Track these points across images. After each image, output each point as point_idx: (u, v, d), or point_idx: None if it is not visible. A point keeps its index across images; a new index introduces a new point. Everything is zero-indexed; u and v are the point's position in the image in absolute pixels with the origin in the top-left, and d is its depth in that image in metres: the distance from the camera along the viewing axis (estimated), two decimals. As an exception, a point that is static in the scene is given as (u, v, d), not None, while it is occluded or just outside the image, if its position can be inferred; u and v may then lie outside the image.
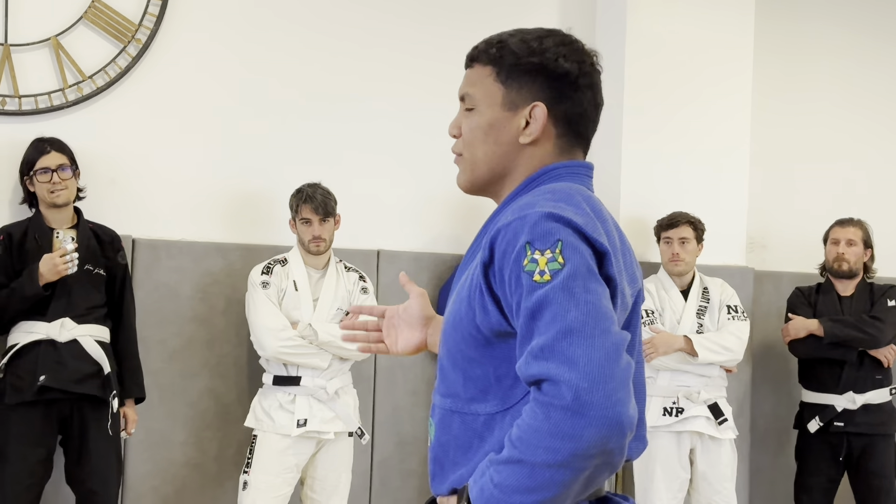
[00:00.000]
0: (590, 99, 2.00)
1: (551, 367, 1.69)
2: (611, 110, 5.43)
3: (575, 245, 1.77)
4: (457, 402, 1.93)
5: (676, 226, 5.21)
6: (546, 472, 1.67)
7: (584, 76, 1.99)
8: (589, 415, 1.65)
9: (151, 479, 4.89)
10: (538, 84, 1.97)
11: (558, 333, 1.70)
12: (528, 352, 1.73)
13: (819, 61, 6.33)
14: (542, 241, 1.77)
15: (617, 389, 1.66)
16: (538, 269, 1.75)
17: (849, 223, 5.51)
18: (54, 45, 4.75)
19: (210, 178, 5.03)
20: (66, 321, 4.32)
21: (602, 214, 1.90)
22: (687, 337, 5.07)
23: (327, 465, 4.72)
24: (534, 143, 1.99)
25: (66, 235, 4.36)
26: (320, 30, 5.25)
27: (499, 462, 1.72)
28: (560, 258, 1.76)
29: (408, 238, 5.32)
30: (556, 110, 1.97)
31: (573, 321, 1.70)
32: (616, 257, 1.86)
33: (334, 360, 4.65)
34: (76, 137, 4.63)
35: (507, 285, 1.81)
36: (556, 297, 1.73)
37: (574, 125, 2.00)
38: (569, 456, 1.65)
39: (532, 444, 1.68)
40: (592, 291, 1.74)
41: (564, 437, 1.65)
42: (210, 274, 4.97)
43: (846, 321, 5.34)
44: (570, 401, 1.65)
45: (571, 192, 1.90)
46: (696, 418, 5.06)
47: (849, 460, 5.39)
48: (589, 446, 1.65)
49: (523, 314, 1.76)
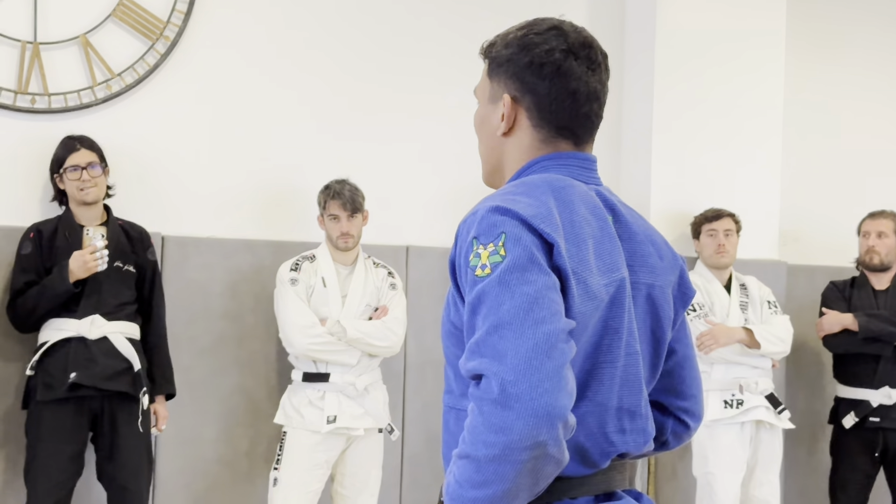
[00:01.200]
0: (559, 87, 1.95)
1: (483, 362, 1.71)
2: (641, 103, 5.54)
3: (518, 237, 1.78)
4: (452, 399, 1.94)
5: (721, 218, 5.26)
6: (490, 465, 1.69)
7: (548, 65, 1.94)
8: (515, 407, 1.66)
9: (182, 476, 4.90)
10: (508, 75, 1.98)
11: (490, 327, 1.73)
12: (467, 347, 1.76)
13: (852, 51, 6.26)
14: (487, 235, 1.80)
15: (544, 380, 1.67)
16: (480, 264, 1.78)
17: (880, 215, 5.46)
18: (83, 43, 4.76)
19: (239, 175, 5.03)
20: (96, 318, 4.33)
21: (572, 204, 1.88)
22: (747, 328, 5.10)
23: (357, 461, 4.71)
24: (511, 135, 2.00)
25: (95, 232, 4.37)
26: (349, 24, 5.23)
27: (456, 458, 1.75)
28: (502, 251, 1.78)
29: (437, 233, 5.29)
30: (525, 101, 1.97)
31: (505, 314, 1.72)
32: (577, 246, 1.84)
33: (363, 357, 4.64)
34: (105, 135, 4.64)
35: (462, 281, 1.83)
36: (492, 290, 1.75)
37: (546, 114, 1.97)
38: (503, 449, 1.67)
39: (473, 439, 1.70)
40: (531, 282, 1.74)
41: (497, 431, 1.67)
42: (239, 271, 4.97)
43: (881, 315, 5.28)
44: (497, 394, 1.68)
45: (538, 182, 1.90)
46: (757, 408, 5.10)
47: (884, 456, 5.33)
48: (520, 438, 1.66)
49: (466, 309, 1.79)
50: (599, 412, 1.89)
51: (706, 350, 5.02)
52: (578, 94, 1.96)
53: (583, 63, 1.96)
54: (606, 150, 5.48)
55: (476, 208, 1.87)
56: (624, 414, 1.93)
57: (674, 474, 5.50)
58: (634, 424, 1.94)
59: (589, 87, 1.96)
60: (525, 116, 1.98)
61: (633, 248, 1.98)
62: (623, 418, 1.93)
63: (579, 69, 1.95)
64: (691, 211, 5.40)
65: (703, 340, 5.02)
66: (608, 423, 1.91)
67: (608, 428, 1.91)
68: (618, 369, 1.91)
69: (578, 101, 1.96)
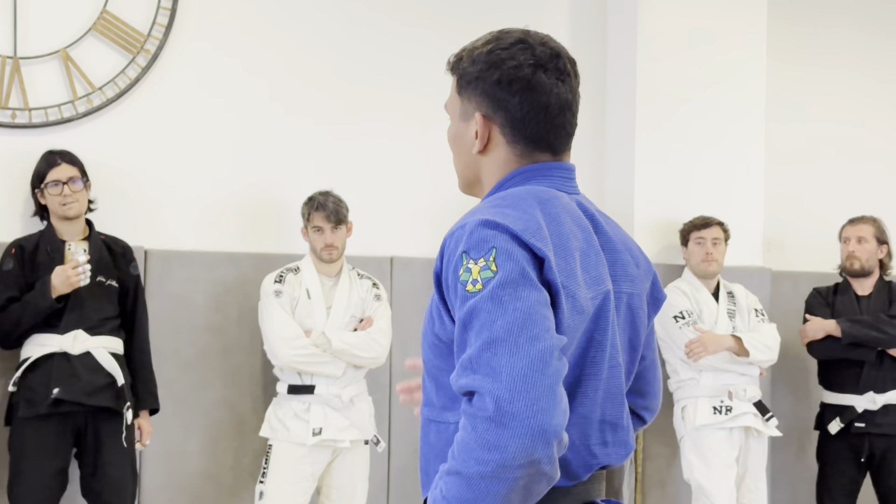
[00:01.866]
0: (530, 101, 1.94)
1: (477, 378, 1.70)
2: (624, 110, 5.54)
3: (509, 252, 1.77)
4: (433, 411, 1.93)
5: (710, 226, 5.27)
6: (481, 483, 1.67)
7: (517, 81, 1.93)
8: (511, 425, 1.65)
9: (167, 491, 4.87)
10: (478, 93, 1.97)
11: (484, 344, 1.71)
12: (459, 363, 1.74)
13: (833, 57, 6.28)
14: (477, 250, 1.78)
15: (539, 398, 1.66)
16: (471, 279, 1.76)
17: (860, 220, 5.48)
18: (63, 58, 4.74)
19: (221, 187, 5.01)
20: (79, 333, 4.31)
21: (559, 216, 1.88)
22: (735, 336, 5.10)
23: (344, 473, 4.69)
24: (487, 153, 1.99)
25: (77, 247, 4.35)
26: (330, 37, 5.23)
27: (445, 473, 1.73)
28: (493, 266, 1.76)
29: (421, 244, 5.28)
30: (497, 118, 1.96)
31: (499, 330, 1.71)
32: (565, 260, 1.83)
33: (349, 368, 4.63)
34: (87, 149, 4.62)
35: (450, 294, 1.82)
36: (484, 306, 1.73)
37: (521, 130, 1.96)
38: (497, 467, 1.65)
39: (464, 456, 1.69)
40: (523, 298, 1.73)
41: (491, 449, 1.65)
42: (223, 283, 4.96)
43: (864, 321, 5.29)
44: (492, 412, 1.66)
45: (524, 195, 1.89)
46: (745, 414, 5.11)
47: (871, 461, 5.34)
48: (514, 456, 1.65)
49: (458, 325, 1.78)
50: (583, 425, 1.89)
51: (695, 357, 5.03)
52: (550, 107, 1.95)
53: (552, 75, 1.94)
54: (590, 158, 5.50)
55: (464, 221, 1.85)
56: (607, 427, 1.92)
57: (661, 482, 5.50)
58: (617, 437, 1.95)
59: (560, 98, 1.95)
60: (499, 133, 1.97)
61: (614, 258, 1.98)
62: (606, 431, 1.92)
63: (549, 81, 1.94)
64: (675, 218, 5.40)
65: (693, 348, 5.02)
66: (591, 436, 1.90)
67: (591, 440, 1.91)
68: (601, 382, 1.90)
69: (551, 113, 1.95)
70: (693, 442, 5.11)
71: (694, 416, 5.08)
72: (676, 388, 5.18)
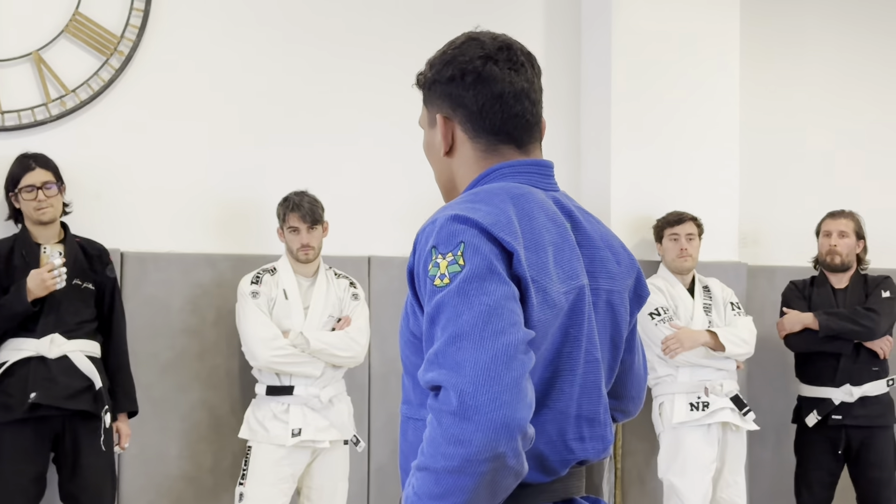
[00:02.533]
0: (485, 93, 1.95)
1: (442, 373, 1.71)
2: (599, 107, 5.56)
3: (477, 246, 1.78)
4: (410, 409, 1.93)
5: (683, 222, 5.27)
6: (448, 478, 1.68)
7: (469, 74, 1.96)
8: (475, 419, 1.65)
9: (146, 494, 4.85)
10: (437, 95, 2.00)
11: (449, 338, 1.72)
12: (426, 358, 1.75)
13: (806, 53, 6.31)
14: (446, 245, 1.79)
15: (503, 392, 1.66)
16: (439, 273, 1.77)
17: (840, 215, 5.49)
18: (36, 60, 4.71)
19: (197, 189, 5.00)
20: (55, 337, 4.29)
21: (531, 212, 1.88)
22: (711, 331, 5.11)
23: (324, 474, 4.68)
24: (454, 154, 2.01)
25: (53, 251, 4.32)
26: (303, 37, 5.22)
27: (415, 469, 1.74)
28: (461, 260, 1.77)
29: (398, 243, 5.27)
30: (457, 116, 1.99)
31: (464, 325, 1.71)
32: (537, 254, 1.84)
33: (327, 368, 4.62)
34: (61, 152, 4.60)
35: (421, 290, 1.83)
36: (451, 300, 1.74)
37: (480, 123, 1.97)
38: (462, 461, 1.66)
39: (431, 451, 1.70)
40: (490, 292, 1.74)
41: (456, 443, 1.66)
42: (200, 285, 4.94)
43: (841, 314, 5.32)
44: (456, 406, 1.67)
45: (496, 191, 1.90)
46: (722, 410, 5.12)
47: (848, 453, 5.37)
48: (479, 450, 1.65)
49: (425, 319, 1.78)
50: (559, 420, 1.89)
51: (671, 354, 5.04)
52: (505, 96, 1.96)
53: (504, 65, 1.96)
54: (566, 155, 5.51)
55: (435, 217, 1.86)
56: (583, 421, 1.93)
57: (640, 479, 5.51)
58: (594, 432, 1.95)
59: (514, 86, 1.96)
60: (461, 130, 1.99)
61: (592, 254, 1.98)
62: (582, 426, 1.92)
63: (501, 72, 1.95)
64: (651, 214, 5.42)
65: (669, 344, 5.03)
66: (568, 431, 1.90)
67: (568, 436, 1.91)
68: (577, 377, 1.90)
69: (507, 102, 1.96)
70: (670, 440, 5.12)
71: (671, 413, 5.09)
72: (654, 385, 5.19)
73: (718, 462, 5.19)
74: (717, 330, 5.13)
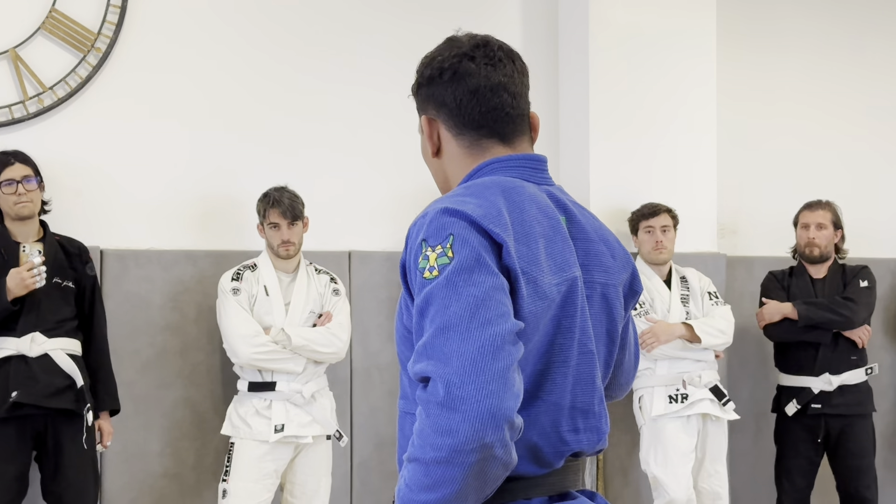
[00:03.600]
0: (462, 89, 1.98)
1: (430, 364, 1.72)
2: (577, 101, 5.57)
3: (466, 238, 1.79)
4: (407, 405, 1.94)
5: (658, 214, 5.26)
6: (437, 468, 1.69)
7: (445, 71, 1.99)
8: (461, 409, 1.67)
9: (129, 492, 4.85)
10: (422, 99, 2.04)
11: (437, 330, 1.73)
12: (415, 350, 1.77)
13: (782, 46, 6.34)
14: (435, 237, 1.81)
15: (489, 382, 1.68)
16: (428, 266, 1.79)
17: (817, 206, 5.50)
18: (13, 57, 4.69)
19: (176, 186, 4.99)
20: (36, 335, 4.27)
21: (522, 204, 1.89)
22: (686, 323, 5.12)
23: (307, 469, 4.69)
24: (442, 154, 2.04)
25: (32, 249, 4.31)
26: (281, 31, 5.21)
27: (406, 461, 1.75)
28: (450, 252, 1.79)
29: (379, 238, 5.29)
30: (440, 115, 2.02)
31: (451, 316, 1.73)
32: (527, 246, 1.85)
33: (309, 364, 4.62)
34: (39, 150, 4.58)
35: (413, 284, 1.84)
36: (439, 292, 1.76)
37: (460, 119, 2.00)
38: (450, 451, 1.68)
39: (421, 442, 1.71)
40: (478, 284, 1.75)
41: (443, 433, 1.68)
42: (180, 282, 4.93)
43: (820, 303, 5.35)
44: (443, 396, 1.69)
45: (488, 184, 1.92)
46: (702, 401, 5.13)
47: (827, 442, 5.41)
48: (466, 440, 1.67)
49: (415, 311, 1.80)
50: (553, 411, 1.90)
51: (648, 348, 5.04)
52: (480, 90, 1.98)
53: (480, 61, 1.98)
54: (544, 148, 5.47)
55: (426, 210, 1.87)
56: (577, 413, 1.93)
57: (623, 471, 5.54)
58: (588, 423, 1.95)
59: (491, 80, 1.98)
60: (445, 129, 2.02)
61: (587, 248, 1.99)
62: (577, 417, 1.93)
63: (476, 67, 1.98)
64: (631, 206, 5.42)
65: (645, 339, 5.04)
66: (562, 423, 1.91)
67: (562, 427, 1.91)
68: (570, 368, 1.91)
69: (483, 95, 1.98)
70: (650, 433, 5.14)
71: (650, 406, 5.10)
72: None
73: (699, 452, 5.21)
74: (692, 322, 5.14)
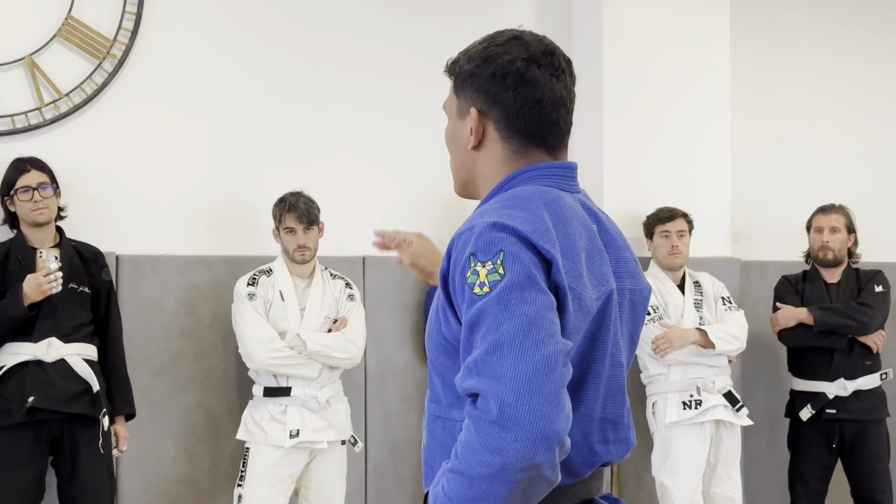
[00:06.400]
0: (524, 96, 1.95)
1: (482, 381, 1.71)
2: (590, 105, 5.57)
3: (517, 255, 1.78)
4: (440, 408, 1.94)
5: (674, 219, 5.25)
6: (482, 483, 1.69)
7: (510, 74, 1.94)
8: (514, 429, 1.67)
9: (145, 496, 4.86)
10: (473, 89, 1.98)
11: (489, 347, 1.72)
12: (465, 366, 1.76)
13: (796, 47, 6.34)
14: (485, 252, 1.79)
15: (543, 403, 1.68)
16: (478, 282, 1.77)
17: (830, 210, 5.50)
18: (29, 64, 4.71)
19: (191, 191, 5.00)
20: (52, 341, 4.29)
21: (565, 217, 1.88)
22: (700, 329, 5.11)
23: (322, 474, 4.69)
24: (482, 149, 2.00)
25: (48, 255, 4.33)
26: (298, 37, 5.23)
27: (448, 471, 1.75)
28: (501, 269, 1.77)
29: (393, 243, 5.28)
30: (492, 113, 1.97)
31: (504, 334, 1.72)
32: (572, 261, 1.84)
33: (324, 369, 4.63)
34: (55, 156, 4.60)
35: (457, 296, 1.83)
36: (491, 309, 1.74)
37: (514, 125, 1.97)
38: (499, 469, 1.68)
39: (467, 457, 1.71)
40: (530, 302, 1.74)
41: (493, 451, 1.68)
42: (195, 287, 4.95)
43: (835, 309, 5.34)
44: (496, 415, 1.68)
45: (530, 196, 1.90)
46: (715, 407, 5.11)
47: (842, 447, 5.40)
48: (516, 459, 1.67)
49: (464, 327, 1.79)
50: (584, 423, 1.91)
51: (662, 354, 5.03)
52: (544, 102, 1.95)
53: (546, 70, 1.96)
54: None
55: (472, 223, 1.85)
56: (608, 424, 1.94)
57: (637, 476, 5.53)
58: (618, 434, 1.97)
59: (554, 93, 1.96)
60: (493, 128, 1.98)
61: (617, 256, 2.00)
62: (607, 429, 1.94)
63: (542, 77, 1.95)
64: (645, 211, 5.42)
65: (659, 344, 5.03)
66: (592, 434, 1.92)
67: (592, 439, 1.92)
68: (602, 380, 1.92)
69: (544, 108, 1.96)
70: (663, 439, 5.13)
71: (664, 412, 5.09)
72: (647, 384, 5.20)
73: (712, 458, 5.20)
74: (706, 328, 5.13)
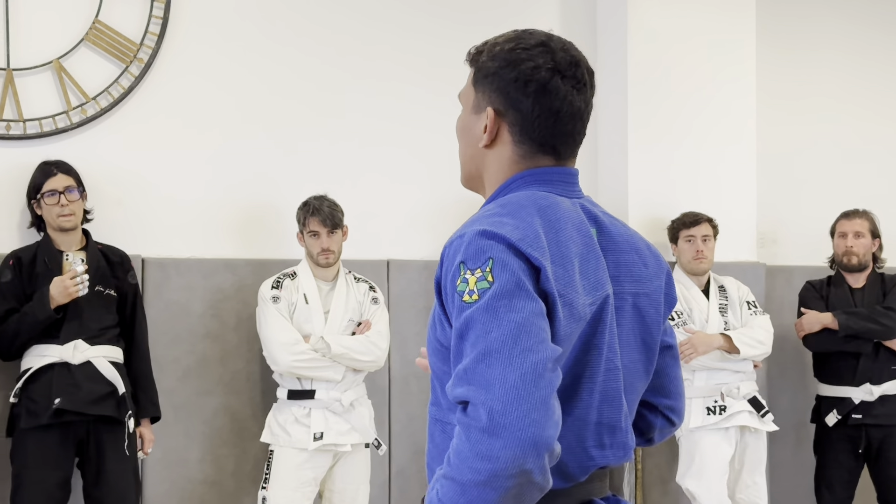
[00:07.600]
0: (543, 105, 1.94)
1: (471, 389, 1.72)
2: (616, 109, 5.56)
3: (505, 262, 1.78)
4: (439, 412, 1.95)
5: (699, 223, 5.24)
6: (474, 490, 1.70)
7: (533, 83, 1.93)
8: (504, 436, 1.67)
9: (169, 499, 4.88)
10: (493, 88, 1.97)
11: (478, 355, 1.73)
12: (455, 374, 1.77)
13: (822, 52, 6.31)
14: (474, 260, 1.80)
15: (532, 410, 1.68)
16: (468, 289, 1.78)
17: (855, 214, 5.48)
18: (56, 68, 4.75)
19: (217, 194, 5.03)
20: (78, 343, 4.32)
21: (558, 223, 1.88)
22: (725, 334, 5.09)
23: (345, 477, 4.70)
24: (493, 148, 2.00)
25: (75, 257, 4.35)
26: (323, 40, 5.24)
27: (441, 477, 1.76)
28: (489, 277, 1.78)
29: (418, 246, 5.30)
30: (508, 116, 1.97)
31: (493, 342, 1.73)
32: (564, 267, 1.84)
33: (348, 372, 4.64)
34: (81, 159, 4.64)
35: (448, 303, 1.84)
36: (480, 317, 1.75)
37: (528, 131, 1.96)
38: (489, 476, 1.68)
39: (459, 464, 1.72)
40: (518, 309, 1.75)
41: (484, 458, 1.68)
42: (220, 290, 4.97)
43: (860, 313, 5.31)
44: (485, 423, 1.69)
45: (524, 202, 1.90)
46: (740, 413, 5.10)
47: (868, 452, 5.37)
48: (506, 466, 1.67)
49: (454, 334, 1.79)
50: (578, 427, 1.91)
51: (686, 359, 5.01)
52: (562, 114, 1.95)
53: (569, 82, 1.95)
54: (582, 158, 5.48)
55: (462, 231, 1.86)
56: (604, 429, 1.94)
57: (661, 480, 5.52)
58: (614, 439, 1.96)
59: (573, 106, 1.96)
60: (507, 131, 1.98)
61: (618, 259, 1.98)
62: (603, 433, 1.94)
63: (564, 88, 1.95)
64: (670, 215, 5.41)
65: (683, 350, 5.01)
66: (587, 438, 1.92)
67: (587, 443, 1.92)
68: (597, 385, 1.92)
69: (561, 120, 1.96)
70: (687, 445, 5.11)
71: (688, 418, 5.07)
72: (672, 389, 5.18)
73: (737, 463, 5.18)
74: (731, 333, 5.11)
